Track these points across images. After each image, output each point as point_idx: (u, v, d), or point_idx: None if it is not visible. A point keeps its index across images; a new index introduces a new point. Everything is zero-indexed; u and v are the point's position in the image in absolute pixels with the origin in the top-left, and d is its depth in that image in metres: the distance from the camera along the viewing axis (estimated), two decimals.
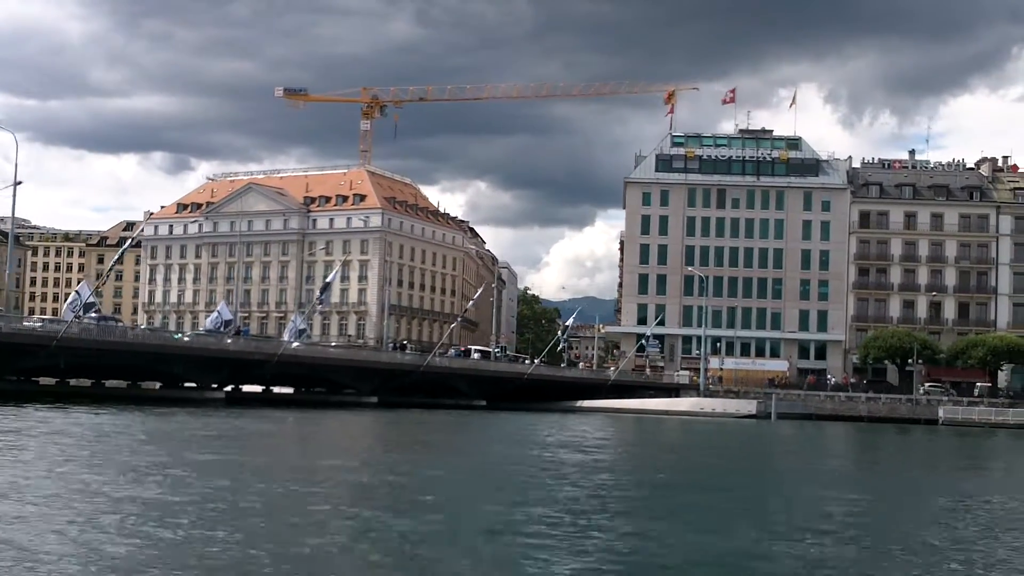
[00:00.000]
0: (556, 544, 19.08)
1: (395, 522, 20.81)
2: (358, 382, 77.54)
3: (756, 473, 39.57)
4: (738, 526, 22.78)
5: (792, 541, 20.92)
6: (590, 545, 19.36)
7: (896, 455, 57.35)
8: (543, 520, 21.74)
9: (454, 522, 21.51)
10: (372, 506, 23.15)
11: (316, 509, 22.42)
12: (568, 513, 23.11)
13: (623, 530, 21.71)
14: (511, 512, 22.84)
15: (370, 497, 25.17)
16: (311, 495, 24.81)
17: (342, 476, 29.90)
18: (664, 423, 78.18)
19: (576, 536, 20.17)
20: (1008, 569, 19.32)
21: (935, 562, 19.40)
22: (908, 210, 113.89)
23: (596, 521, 22.41)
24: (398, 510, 22.81)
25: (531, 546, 18.72)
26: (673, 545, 20.03)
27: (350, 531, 19.89)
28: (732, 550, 19.69)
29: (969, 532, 23.73)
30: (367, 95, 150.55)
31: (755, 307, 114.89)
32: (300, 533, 19.19)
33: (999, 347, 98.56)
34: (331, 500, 24.28)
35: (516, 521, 21.57)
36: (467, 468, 34.23)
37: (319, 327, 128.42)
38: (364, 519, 21.13)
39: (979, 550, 21.17)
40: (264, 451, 37.76)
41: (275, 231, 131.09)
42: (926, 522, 25.40)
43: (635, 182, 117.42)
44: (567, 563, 17.49)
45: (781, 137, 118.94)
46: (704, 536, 21.35)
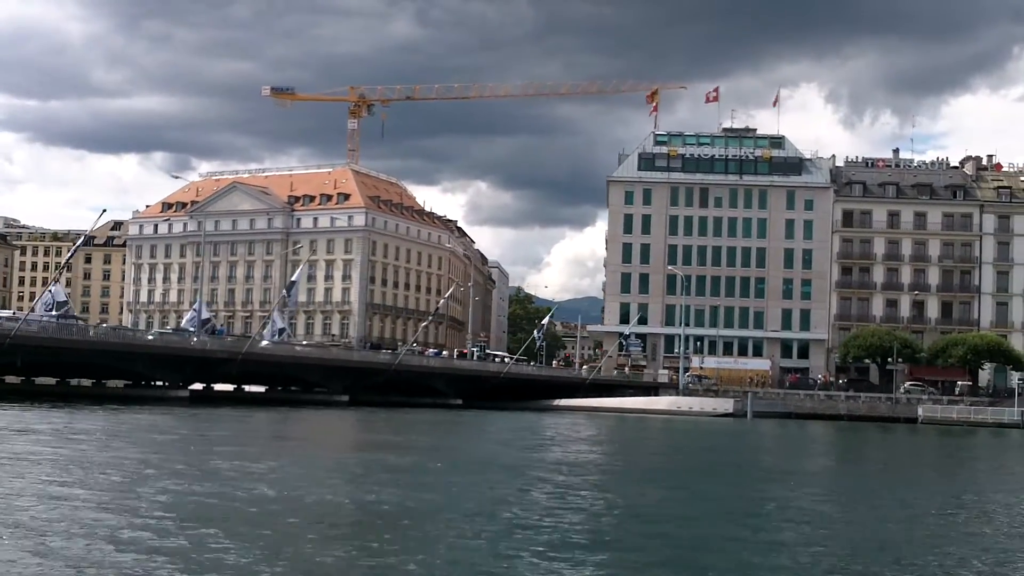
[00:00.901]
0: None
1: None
2: (329, 381, 77.30)
3: (692, 469, 39.27)
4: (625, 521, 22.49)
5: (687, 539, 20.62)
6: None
7: (857, 454, 56.93)
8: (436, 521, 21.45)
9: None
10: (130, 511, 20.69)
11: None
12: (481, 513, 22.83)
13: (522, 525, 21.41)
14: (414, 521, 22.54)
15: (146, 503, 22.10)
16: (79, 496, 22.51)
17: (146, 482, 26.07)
18: (637, 421, 77.90)
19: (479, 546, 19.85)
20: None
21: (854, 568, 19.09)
22: (891, 209, 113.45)
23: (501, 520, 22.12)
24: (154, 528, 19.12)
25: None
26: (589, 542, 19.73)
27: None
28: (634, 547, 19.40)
29: (912, 537, 23.40)
30: (355, 94, 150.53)
31: (738, 306, 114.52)
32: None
33: (979, 346, 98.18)
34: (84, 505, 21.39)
35: (410, 533, 21.26)
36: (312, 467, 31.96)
37: (303, 326, 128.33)
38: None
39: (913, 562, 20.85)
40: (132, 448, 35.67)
41: (259, 230, 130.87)
42: (863, 524, 25.07)
43: (617, 181, 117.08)
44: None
45: (764, 136, 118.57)
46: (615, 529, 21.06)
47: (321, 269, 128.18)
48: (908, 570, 18.31)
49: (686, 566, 17.87)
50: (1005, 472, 45.59)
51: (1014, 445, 68.90)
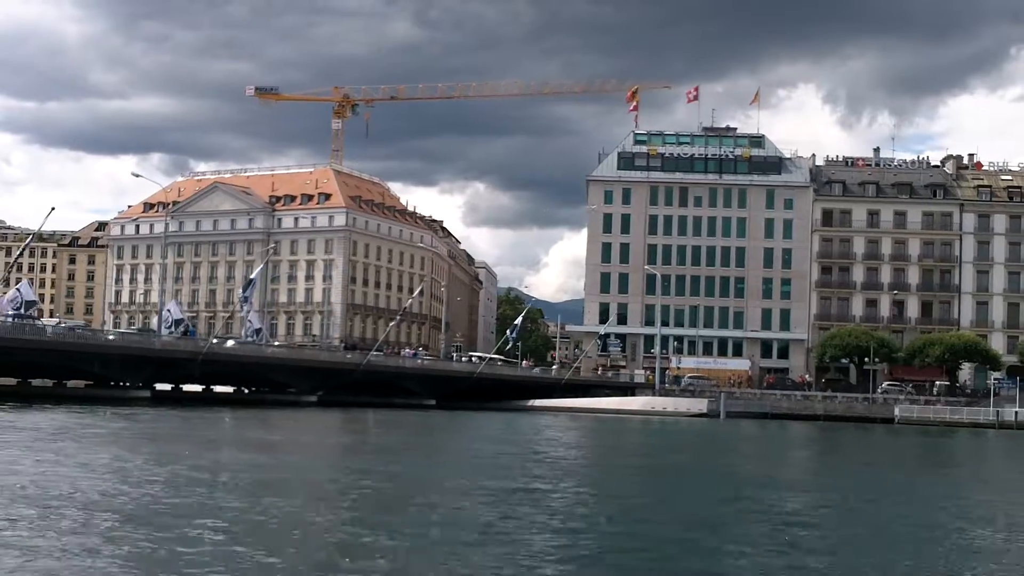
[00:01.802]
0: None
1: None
2: (297, 381, 76.92)
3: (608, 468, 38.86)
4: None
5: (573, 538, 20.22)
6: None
7: (817, 454, 56.50)
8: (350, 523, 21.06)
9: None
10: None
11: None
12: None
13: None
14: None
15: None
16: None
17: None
18: (605, 422, 77.42)
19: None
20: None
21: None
22: (871, 208, 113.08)
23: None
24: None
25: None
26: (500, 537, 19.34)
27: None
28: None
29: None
30: (339, 94, 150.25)
31: (717, 306, 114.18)
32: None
33: (956, 345, 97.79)
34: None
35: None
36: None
37: (284, 327, 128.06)
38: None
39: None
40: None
41: (240, 230, 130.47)
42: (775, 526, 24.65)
43: (597, 180, 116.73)
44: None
45: (744, 135, 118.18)
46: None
47: (302, 269, 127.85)
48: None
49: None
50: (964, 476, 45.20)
51: (984, 446, 68.47)
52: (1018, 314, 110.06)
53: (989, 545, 22.14)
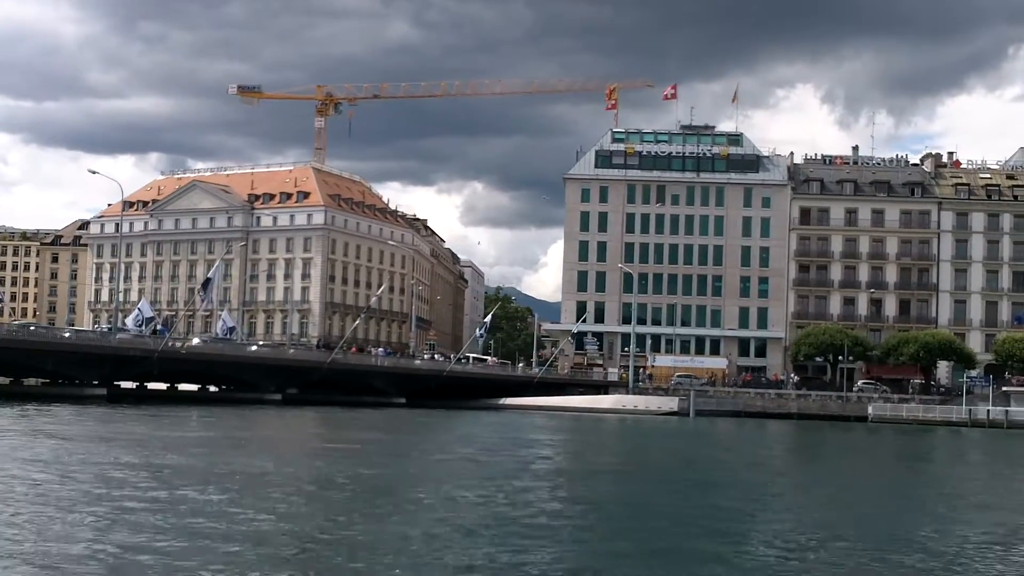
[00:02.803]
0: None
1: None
2: (262, 379, 76.47)
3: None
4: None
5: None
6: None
7: (765, 454, 56.00)
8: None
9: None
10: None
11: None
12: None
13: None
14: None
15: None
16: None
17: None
18: (568, 419, 77.03)
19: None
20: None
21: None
22: (849, 206, 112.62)
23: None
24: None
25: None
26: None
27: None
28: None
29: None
30: (321, 92, 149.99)
31: (695, 304, 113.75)
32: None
33: (931, 344, 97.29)
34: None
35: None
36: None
37: (263, 325, 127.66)
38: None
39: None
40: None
41: (219, 228, 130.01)
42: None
43: (574, 178, 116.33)
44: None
45: (722, 133, 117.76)
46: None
47: (281, 268, 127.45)
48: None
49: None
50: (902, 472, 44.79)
51: (943, 445, 68.04)
52: (996, 312, 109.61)
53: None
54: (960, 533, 22.91)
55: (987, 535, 22.90)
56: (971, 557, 19.79)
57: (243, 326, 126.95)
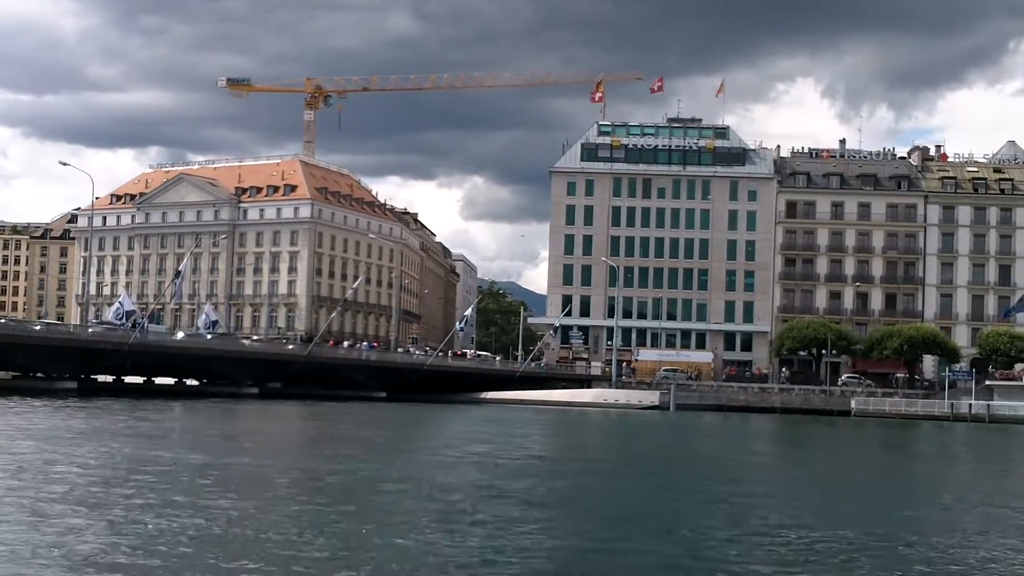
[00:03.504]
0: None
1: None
2: (237, 372, 76.19)
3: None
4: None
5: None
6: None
7: (693, 444, 55.56)
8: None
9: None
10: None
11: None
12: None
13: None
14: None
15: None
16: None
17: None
18: (550, 413, 76.81)
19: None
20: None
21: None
22: (835, 200, 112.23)
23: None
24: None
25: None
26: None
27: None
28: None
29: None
30: (310, 85, 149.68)
31: (681, 298, 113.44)
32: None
33: (915, 337, 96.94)
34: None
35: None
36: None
37: (249, 319, 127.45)
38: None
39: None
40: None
41: (206, 222, 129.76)
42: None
43: (560, 171, 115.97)
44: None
45: (709, 126, 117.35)
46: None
47: (267, 261, 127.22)
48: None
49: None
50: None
51: (921, 439, 67.73)
52: (982, 306, 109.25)
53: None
54: (906, 529, 22.61)
55: (937, 529, 22.65)
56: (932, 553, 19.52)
57: (230, 320, 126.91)
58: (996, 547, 20.47)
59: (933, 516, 25.89)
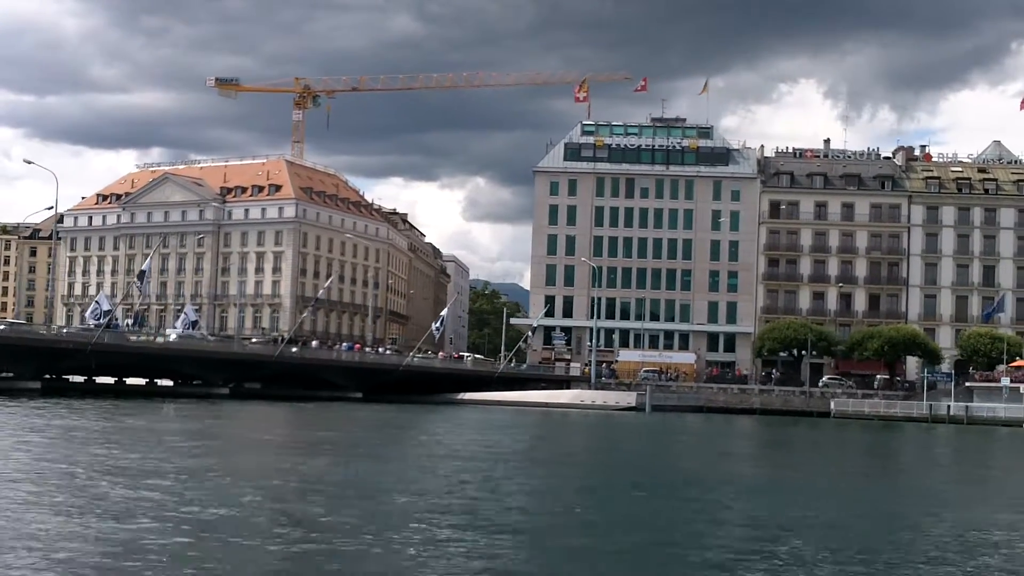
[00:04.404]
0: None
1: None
2: (207, 373, 75.88)
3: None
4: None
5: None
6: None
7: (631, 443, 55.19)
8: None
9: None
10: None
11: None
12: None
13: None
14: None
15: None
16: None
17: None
18: (522, 415, 76.48)
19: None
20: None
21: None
22: (819, 200, 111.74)
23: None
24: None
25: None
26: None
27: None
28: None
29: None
30: (299, 85, 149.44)
31: (663, 299, 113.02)
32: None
33: (895, 338, 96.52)
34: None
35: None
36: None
37: (234, 320, 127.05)
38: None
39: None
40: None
41: (191, 222, 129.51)
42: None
43: (543, 171, 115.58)
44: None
45: (693, 126, 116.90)
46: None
47: (252, 261, 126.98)
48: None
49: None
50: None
51: (891, 442, 67.32)
52: (966, 307, 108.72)
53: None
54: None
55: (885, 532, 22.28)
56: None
57: (214, 320, 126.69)
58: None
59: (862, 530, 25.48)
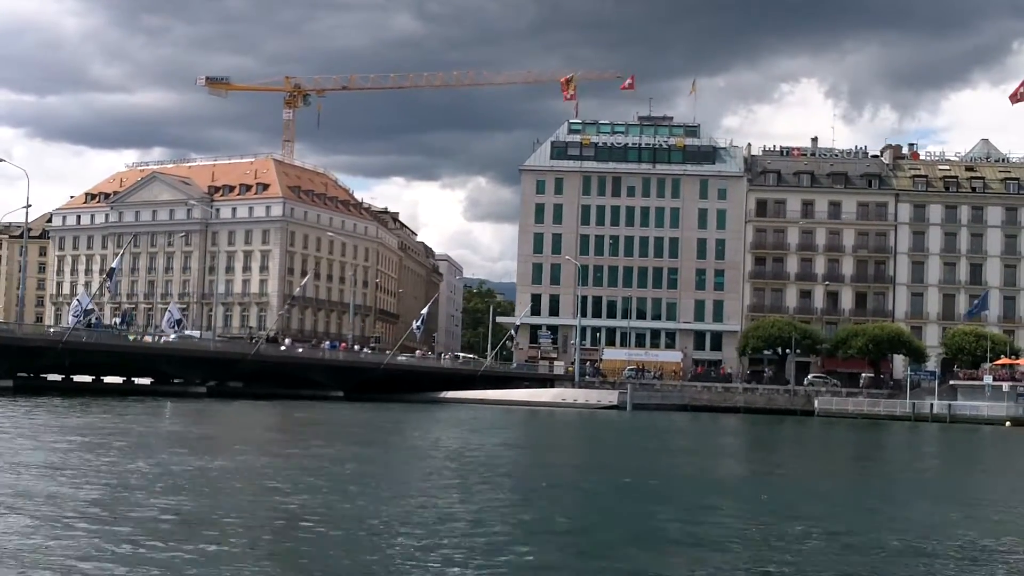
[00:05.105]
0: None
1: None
2: (184, 371, 75.67)
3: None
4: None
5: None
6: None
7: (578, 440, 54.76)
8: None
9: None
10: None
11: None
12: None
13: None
14: None
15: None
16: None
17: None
18: (502, 413, 76.08)
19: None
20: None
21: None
22: (805, 198, 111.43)
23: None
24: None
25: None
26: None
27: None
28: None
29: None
30: (289, 84, 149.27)
31: (650, 297, 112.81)
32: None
33: (880, 337, 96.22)
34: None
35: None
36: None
37: (221, 318, 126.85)
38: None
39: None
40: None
41: (179, 221, 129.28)
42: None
43: (529, 170, 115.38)
44: None
45: (680, 124, 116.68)
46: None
47: (239, 260, 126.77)
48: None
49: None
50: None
51: (868, 440, 66.98)
52: (953, 305, 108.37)
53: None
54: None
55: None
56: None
57: (202, 319, 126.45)
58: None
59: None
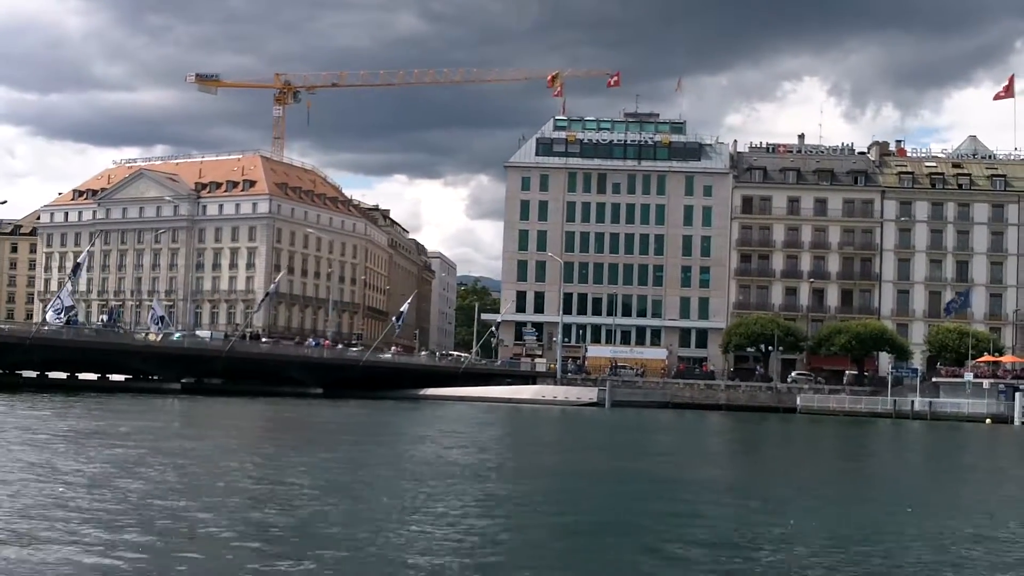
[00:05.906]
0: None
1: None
2: (159, 368, 75.45)
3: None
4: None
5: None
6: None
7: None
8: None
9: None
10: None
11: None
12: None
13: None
14: None
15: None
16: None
17: None
18: (479, 410, 75.84)
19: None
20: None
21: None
22: (791, 195, 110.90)
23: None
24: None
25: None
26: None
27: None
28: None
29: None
30: (279, 81, 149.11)
31: (635, 294, 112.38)
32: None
33: (863, 334, 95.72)
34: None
35: None
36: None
37: (208, 315, 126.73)
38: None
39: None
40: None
41: (165, 217, 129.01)
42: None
43: (514, 166, 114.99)
44: None
45: (666, 121, 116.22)
46: None
47: (226, 257, 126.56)
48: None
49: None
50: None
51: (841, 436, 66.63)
52: (939, 303, 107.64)
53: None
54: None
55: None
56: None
57: (188, 316, 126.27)
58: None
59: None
